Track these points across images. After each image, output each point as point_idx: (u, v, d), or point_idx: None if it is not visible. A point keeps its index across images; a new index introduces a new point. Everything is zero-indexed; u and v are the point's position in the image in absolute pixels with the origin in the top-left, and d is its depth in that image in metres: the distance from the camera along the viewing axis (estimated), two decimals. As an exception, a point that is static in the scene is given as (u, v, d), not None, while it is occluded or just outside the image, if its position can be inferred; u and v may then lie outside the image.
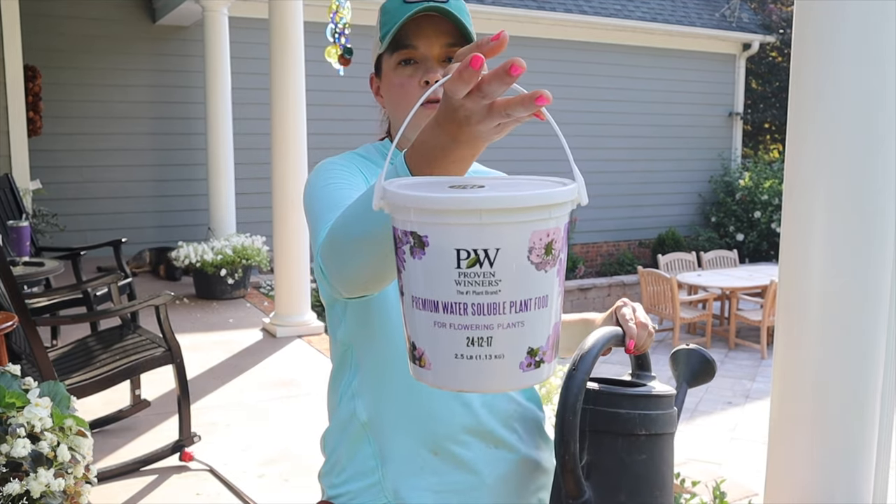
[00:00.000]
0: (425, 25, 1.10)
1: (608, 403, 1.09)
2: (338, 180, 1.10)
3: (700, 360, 1.24)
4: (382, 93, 1.18)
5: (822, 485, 1.77)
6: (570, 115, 10.64)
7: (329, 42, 4.33)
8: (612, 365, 7.39)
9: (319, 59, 4.82)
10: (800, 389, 1.80)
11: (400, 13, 1.09)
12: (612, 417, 1.08)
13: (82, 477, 1.95)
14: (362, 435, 1.14)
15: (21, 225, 4.39)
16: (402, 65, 1.12)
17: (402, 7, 1.09)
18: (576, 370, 1.05)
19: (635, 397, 1.09)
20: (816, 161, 1.75)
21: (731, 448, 5.28)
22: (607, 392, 1.10)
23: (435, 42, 1.10)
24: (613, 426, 1.09)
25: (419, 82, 1.10)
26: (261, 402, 4.05)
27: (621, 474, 1.08)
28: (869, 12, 1.66)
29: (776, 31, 12.20)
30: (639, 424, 1.08)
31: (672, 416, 1.13)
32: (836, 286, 1.74)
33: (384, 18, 1.13)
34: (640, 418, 1.08)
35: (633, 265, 10.63)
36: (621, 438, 1.08)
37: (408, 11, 1.07)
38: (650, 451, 1.09)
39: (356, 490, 1.13)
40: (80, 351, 3.34)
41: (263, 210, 7.66)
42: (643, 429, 1.08)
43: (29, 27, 6.80)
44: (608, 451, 1.09)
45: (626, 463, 1.08)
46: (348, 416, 1.15)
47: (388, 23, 1.11)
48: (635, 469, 1.08)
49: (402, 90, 1.12)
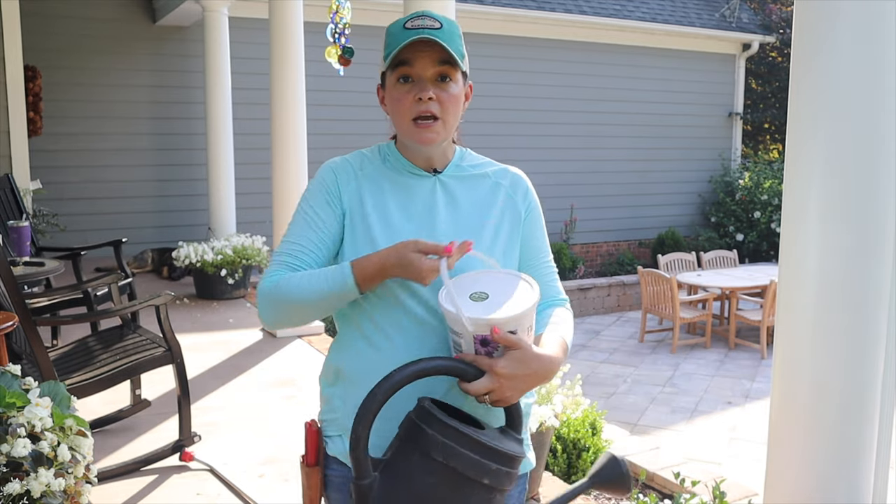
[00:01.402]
0: (420, 49, 1.33)
1: (424, 419, 1.18)
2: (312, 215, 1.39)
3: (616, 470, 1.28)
4: (386, 103, 1.41)
5: (822, 485, 1.77)
6: (569, 116, 10.64)
7: (329, 42, 4.33)
8: (611, 365, 7.40)
9: (319, 59, 4.83)
10: (800, 389, 1.80)
11: (401, 37, 1.32)
12: (419, 432, 1.18)
13: (82, 477, 1.95)
14: (336, 380, 1.42)
15: (21, 225, 4.39)
16: (400, 81, 1.36)
17: (402, 32, 1.33)
18: (396, 372, 1.19)
19: (448, 426, 1.16)
20: (816, 161, 1.75)
21: (731, 448, 5.28)
22: (429, 410, 1.18)
23: (428, 63, 1.34)
24: (417, 440, 1.18)
25: (413, 98, 1.34)
26: (261, 402, 4.06)
27: (406, 483, 1.17)
28: (868, 12, 1.67)
29: (776, 31, 12.20)
30: (439, 450, 1.15)
31: (490, 470, 1.17)
32: (836, 286, 1.74)
33: (388, 40, 1.36)
34: (442, 446, 1.15)
35: (633, 265, 10.63)
36: (418, 453, 1.17)
37: (407, 37, 1.31)
38: (442, 480, 1.15)
39: (327, 420, 1.42)
40: (81, 351, 3.34)
41: (263, 210, 7.66)
42: (441, 456, 1.15)
43: (29, 27, 6.80)
44: (404, 458, 1.18)
45: (412, 477, 1.17)
46: (331, 364, 1.44)
47: (390, 44, 1.35)
48: (418, 487, 1.16)
49: (400, 103, 1.36)
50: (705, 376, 7.04)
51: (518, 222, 1.44)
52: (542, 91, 10.37)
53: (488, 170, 1.47)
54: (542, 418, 3.07)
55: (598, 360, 7.62)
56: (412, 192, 1.40)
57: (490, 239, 1.39)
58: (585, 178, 10.87)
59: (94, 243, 5.34)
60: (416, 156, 1.41)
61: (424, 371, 1.21)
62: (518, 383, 1.22)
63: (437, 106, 1.34)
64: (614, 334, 8.73)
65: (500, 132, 10.03)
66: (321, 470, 1.40)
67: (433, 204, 1.40)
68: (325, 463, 1.41)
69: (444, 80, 1.34)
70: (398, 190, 1.40)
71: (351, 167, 1.43)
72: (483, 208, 1.42)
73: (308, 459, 1.40)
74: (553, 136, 10.55)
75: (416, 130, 1.35)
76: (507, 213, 1.43)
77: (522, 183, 1.48)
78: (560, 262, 9.97)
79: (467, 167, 1.46)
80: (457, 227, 1.38)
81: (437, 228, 1.38)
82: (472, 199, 1.42)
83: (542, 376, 1.25)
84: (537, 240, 1.48)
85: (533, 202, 1.48)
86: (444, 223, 1.38)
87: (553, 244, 10.14)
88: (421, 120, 1.34)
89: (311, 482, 1.40)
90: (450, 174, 1.43)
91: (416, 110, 1.34)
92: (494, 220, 1.41)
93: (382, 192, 1.40)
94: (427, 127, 1.34)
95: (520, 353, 1.22)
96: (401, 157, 1.43)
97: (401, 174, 1.42)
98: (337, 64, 4.36)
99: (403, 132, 1.38)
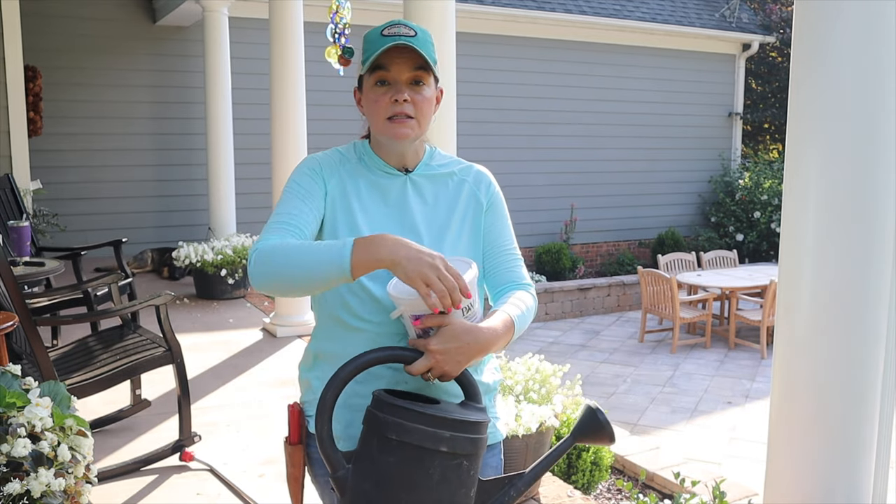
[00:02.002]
0: (396, 55, 1.43)
1: (377, 407, 1.29)
2: (302, 190, 1.46)
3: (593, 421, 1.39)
4: (363, 104, 1.51)
5: (822, 485, 1.77)
6: (569, 116, 10.64)
7: (329, 42, 4.33)
8: (611, 365, 7.40)
9: (319, 59, 4.83)
10: (799, 389, 1.80)
11: (378, 44, 1.43)
12: (374, 418, 1.28)
13: (83, 477, 1.95)
14: (315, 364, 1.53)
15: (21, 225, 4.39)
16: (378, 84, 1.46)
17: (379, 39, 1.43)
18: (341, 369, 1.30)
19: (396, 407, 1.27)
20: (816, 161, 1.75)
21: (731, 448, 5.28)
22: (380, 398, 1.29)
23: (404, 68, 1.44)
24: (373, 426, 1.28)
25: (390, 99, 1.44)
26: (261, 401, 4.06)
27: (371, 466, 1.27)
28: (868, 12, 1.67)
29: (776, 31, 12.20)
30: (391, 430, 1.25)
31: (444, 437, 1.26)
32: (836, 286, 1.74)
33: (365, 46, 1.46)
34: (393, 424, 1.25)
35: (632, 265, 10.63)
36: (377, 438, 1.27)
37: (385, 43, 1.42)
38: (401, 457, 1.25)
39: (308, 401, 1.53)
40: (81, 351, 3.35)
41: (263, 210, 7.66)
42: (395, 435, 1.25)
43: (29, 27, 6.80)
44: (367, 445, 1.29)
45: (376, 460, 1.27)
46: (311, 350, 1.56)
47: (368, 49, 1.45)
48: (383, 467, 1.26)
49: (377, 105, 1.46)
50: (705, 376, 7.04)
51: (480, 213, 1.56)
52: (541, 91, 10.37)
53: (454, 168, 1.58)
54: (542, 418, 3.06)
55: (597, 360, 7.62)
56: (385, 189, 1.51)
57: (457, 232, 1.52)
58: (585, 178, 10.87)
59: (94, 243, 5.35)
60: (389, 154, 1.52)
61: (366, 363, 1.31)
62: (454, 356, 1.31)
63: (411, 107, 1.45)
64: (614, 334, 8.73)
65: (499, 132, 10.03)
66: (303, 448, 1.49)
67: (405, 201, 1.51)
68: (308, 441, 1.50)
69: (418, 83, 1.45)
70: (372, 186, 1.51)
71: (332, 161, 1.53)
72: (450, 205, 1.54)
73: (291, 438, 1.49)
74: (553, 136, 10.55)
75: (391, 126, 1.45)
76: (469, 205, 1.55)
77: (485, 178, 1.60)
78: (560, 262, 9.97)
79: (436, 166, 1.56)
80: (428, 224, 1.50)
81: (413, 222, 1.49)
82: (440, 197, 1.54)
83: (479, 347, 1.34)
84: (500, 229, 1.58)
85: (495, 195, 1.59)
86: (418, 218, 1.50)
87: (553, 244, 10.15)
88: (396, 118, 1.45)
89: (294, 460, 1.49)
90: (420, 173, 1.54)
91: (392, 110, 1.44)
92: (459, 214, 1.54)
93: (359, 187, 1.51)
94: (402, 123, 1.45)
95: (449, 329, 1.31)
96: (374, 156, 1.53)
97: (374, 173, 1.52)
98: (337, 64, 4.36)
99: (379, 129, 1.48)
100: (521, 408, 3.10)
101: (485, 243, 1.56)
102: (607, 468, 3.45)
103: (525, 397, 3.24)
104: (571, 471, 3.37)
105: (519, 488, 1.37)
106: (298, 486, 1.51)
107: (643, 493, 3.52)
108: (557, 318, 9.36)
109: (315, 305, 1.55)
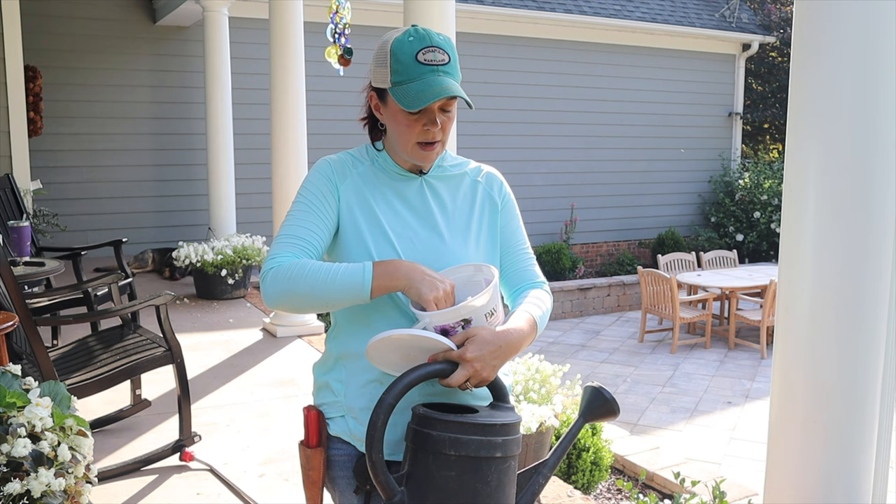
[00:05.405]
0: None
1: (425, 425, 1.30)
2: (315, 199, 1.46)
3: (599, 399, 1.44)
4: (386, 119, 1.48)
5: (822, 484, 1.77)
6: (569, 116, 10.64)
7: (329, 42, 4.33)
8: (611, 365, 7.40)
9: (319, 59, 4.83)
10: (800, 389, 1.80)
11: (414, 71, 1.39)
12: (425, 437, 1.30)
13: (83, 476, 1.95)
14: (335, 365, 1.51)
15: (21, 225, 4.39)
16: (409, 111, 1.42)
17: (416, 66, 1.39)
18: (386, 395, 1.30)
19: (447, 422, 1.29)
20: (816, 161, 1.75)
21: (731, 448, 5.28)
22: (426, 415, 1.31)
23: (439, 101, 1.41)
24: (426, 445, 1.29)
25: (422, 127, 1.43)
26: (261, 401, 4.06)
27: (429, 486, 1.29)
28: (868, 12, 1.67)
29: (776, 32, 12.20)
30: (448, 446, 1.28)
31: (497, 444, 1.30)
32: (836, 286, 1.74)
33: (396, 67, 1.40)
34: (449, 441, 1.28)
35: (632, 265, 10.63)
36: (432, 455, 1.29)
37: (422, 74, 1.39)
38: (460, 470, 1.28)
39: (328, 403, 1.51)
40: (81, 351, 3.34)
41: (263, 210, 7.66)
42: (452, 450, 1.27)
43: (29, 27, 6.80)
44: (421, 465, 1.30)
45: (434, 477, 1.28)
46: (331, 353, 1.54)
47: (401, 72, 1.39)
48: (442, 483, 1.28)
49: (409, 129, 1.44)
50: (705, 376, 7.04)
51: (495, 213, 1.58)
52: (542, 91, 10.37)
53: (466, 169, 1.60)
54: (542, 418, 3.07)
55: (598, 360, 7.62)
56: (403, 191, 1.52)
57: (476, 233, 1.54)
58: (585, 178, 10.87)
59: (95, 243, 5.34)
60: (404, 160, 1.52)
61: (409, 384, 1.31)
62: (489, 361, 1.35)
63: (440, 132, 1.46)
64: (614, 334, 8.73)
65: (500, 132, 10.03)
66: (324, 451, 1.49)
67: (425, 203, 1.52)
68: (328, 444, 1.50)
69: (448, 109, 1.46)
70: (390, 190, 1.51)
71: (345, 165, 1.52)
72: (467, 206, 1.55)
73: (311, 442, 1.49)
74: (553, 136, 10.54)
75: (420, 152, 1.46)
76: (485, 206, 1.57)
77: (497, 179, 1.62)
78: (560, 262, 9.97)
79: (448, 167, 1.58)
80: (449, 225, 1.51)
81: (435, 223, 1.50)
82: (457, 199, 1.55)
83: (511, 349, 1.39)
84: (513, 229, 1.61)
85: (507, 195, 1.62)
86: (439, 219, 1.51)
87: (553, 244, 10.15)
88: (426, 144, 1.45)
89: (313, 463, 1.49)
90: (434, 175, 1.55)
91: (424, 137, 1.45)
92: (477, 215, 1.55)
93: (377, 191, 1.51)
94: (431, 149, 1.46)
95: (479, 337, 1.35)
96: (389, 160, 1.53)
97: (390, 175, 1.53)
98: (337, 64, 4.37)
99: (407, 152, 1.48)
100: (521, 408, 3.10)
101: (501, 243, 1.58)
102: (607, 468, 3.45)
103: (525, 397, 3.24)
104: (571, 471, 3.37)
105: (546, 475, 1.45)
106: (318, 489, 1.51)
107: (643, 493, 3.52)
108: (557, 318, 9.36)
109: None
